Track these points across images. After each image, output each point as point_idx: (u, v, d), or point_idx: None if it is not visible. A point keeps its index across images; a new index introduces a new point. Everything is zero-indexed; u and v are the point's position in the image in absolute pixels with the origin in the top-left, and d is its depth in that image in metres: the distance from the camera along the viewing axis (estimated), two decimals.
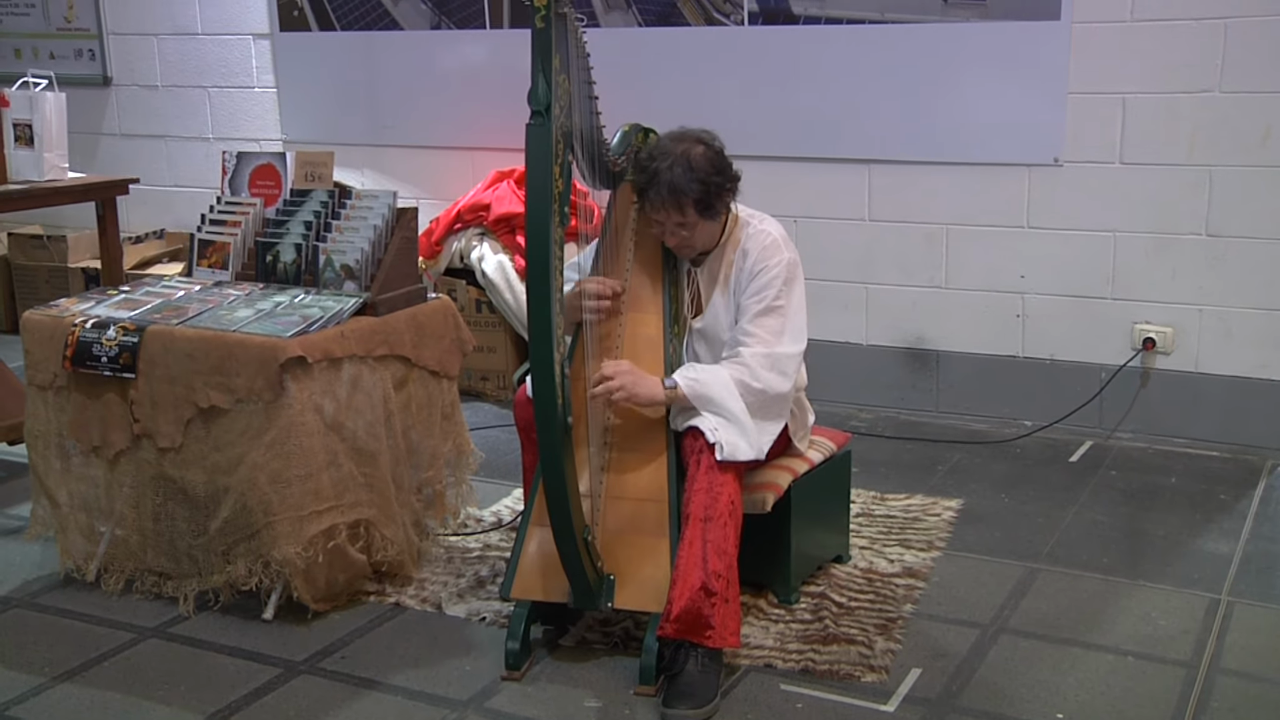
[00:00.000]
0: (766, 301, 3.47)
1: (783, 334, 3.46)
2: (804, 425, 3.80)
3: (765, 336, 3.45)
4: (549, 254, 3.00)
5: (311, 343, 3.57)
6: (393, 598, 3.82)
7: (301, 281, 3.93)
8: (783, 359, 3.45)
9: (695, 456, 3.34)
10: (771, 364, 3.43)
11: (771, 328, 3.46)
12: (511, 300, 5.67)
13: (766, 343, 3.44)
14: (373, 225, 3.88)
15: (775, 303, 3.48)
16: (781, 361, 3.44)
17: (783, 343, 3.46)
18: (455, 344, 4.04)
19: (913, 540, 4.17)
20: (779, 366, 3.44)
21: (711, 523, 3.27)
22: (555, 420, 3.09)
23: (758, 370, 3.41)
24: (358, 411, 3.68)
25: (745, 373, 3.41)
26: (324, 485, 3.60)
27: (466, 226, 5.87)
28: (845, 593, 3.79)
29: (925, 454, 5.03)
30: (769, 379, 3.42)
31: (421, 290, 3.99)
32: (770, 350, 3.44)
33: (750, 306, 3.48)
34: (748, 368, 3.41)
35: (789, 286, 3.50)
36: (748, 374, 3.41)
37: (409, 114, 6.26)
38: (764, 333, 3.45)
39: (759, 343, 3.44)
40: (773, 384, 3.42)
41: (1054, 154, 5.06)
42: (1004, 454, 5.02)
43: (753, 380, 3.41)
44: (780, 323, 3.47)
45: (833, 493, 3.96)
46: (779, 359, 3.44)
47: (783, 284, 3.48)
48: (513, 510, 4.46)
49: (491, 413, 5.62)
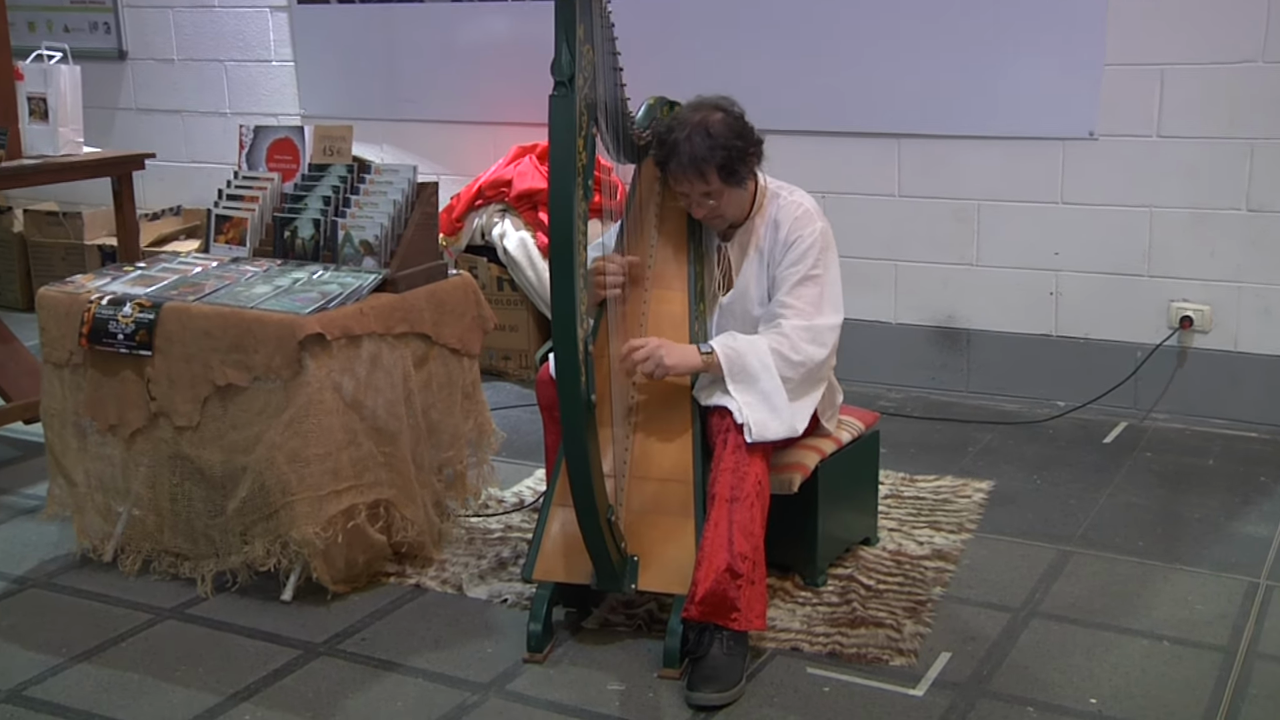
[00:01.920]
0: (803, 271, 3.46)
1: (821, 304, 3.45)
2: (832, 405, 3.79)
3: (804, 307, 3.44)
4: (572, 229, 3.00)
5: (330, 320, 3.58)
6: (413, 579, 3.83)
7: (320, 258, 3.93)
8: (823, 330, 3.44)
9: (722, 436, 3.34)
10: (812, 336, 3.42)
11: (810, 297, 3.45)
12: (534, 278, 5.67)
13: (806, 314, 3.43)
14: (392, 201, 3.88)
15: (813, 272, 3.46)
16: (822, 333, 3.43)
17: (823, 313, 3.45)
18: (476, 321, 4.04)
19: (942, 522, 4.17)
20: (819, 338, 3.43)
21: (738, 503, 3.27)
22: (578, 399, 3.09)
23: (798, 342, 3.40)
24: (377, 390, 3.69)
25: (785, 344, 3.39)
26: (343, 464, 3.61)
27: (488, 203, 5.87)
28: (873, 575, 3.79)
29: (955, 435, 5.02)
30: (809, 351, 3.41)
31: (442, 267, 3.99)
32: (810, 322, 3.42)
33: (787, 277, 3.47)
34: (787, 339, 3.40)
35: (825, 256, 3.49)
36: (787, 345, 3.39)
37: (429, 88, 6.26)
38: (802, 303, 3.44)
39: (798, 314, 3.43)
40: (812, 355, 3.41)
41: (1089, 127, 5.04)
42: (1036, 435, 5.01)
43: (792, 353, 3.39)
44: (819, 292, 3.46)
45: (861, 474, 3.96)
46: (819, 330, 3.43)
47: (819, 252, 3.47)
48: (535, 491, 4.47)
49: (513, 392, 5.63)
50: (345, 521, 3.63)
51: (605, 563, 3.28)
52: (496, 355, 5.87)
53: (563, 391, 3.10)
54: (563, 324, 3.05)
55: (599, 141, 3.27)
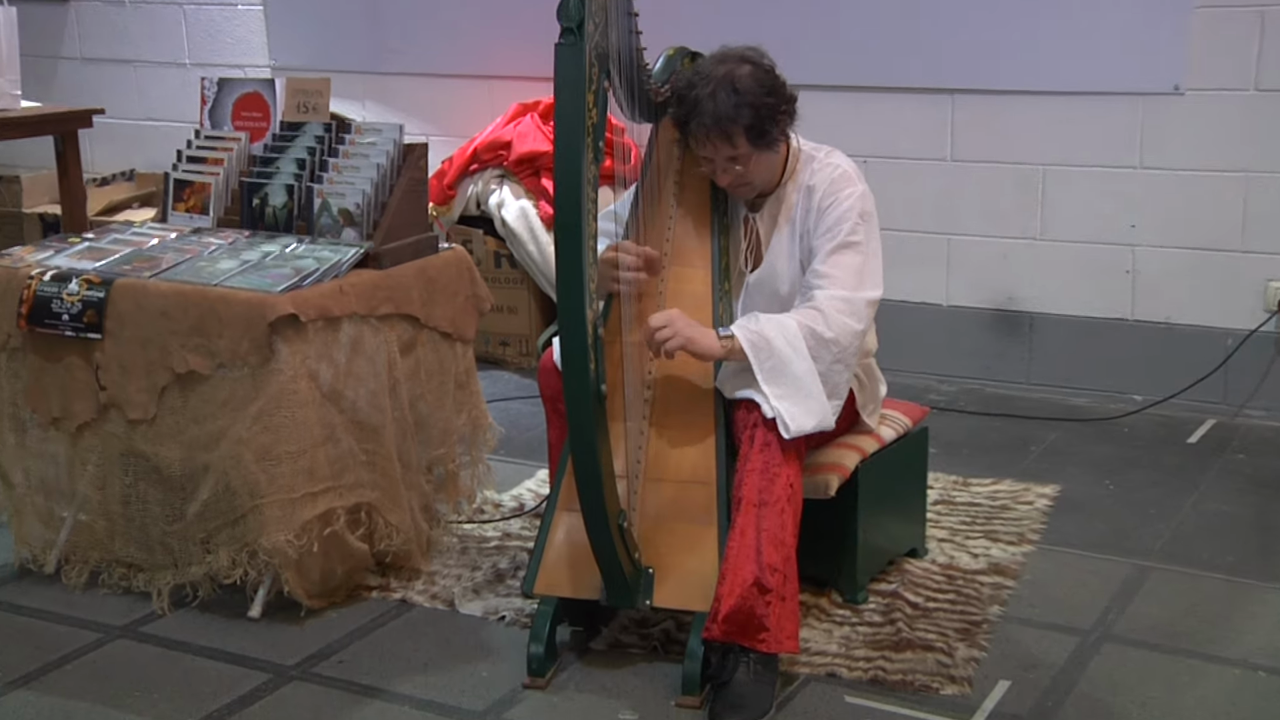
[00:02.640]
0: (841, 236, 3.46)
1: (861, 274, 3.45)
2: (874, 397, 3.81)
3: (842, 277, 3.43)
4: (581, 197, 3.02)
5: (305, 299, 3.60)
6: (398, 593, 3.86)
7: (294, 229, 3.96)
8: (860, 304, 3.43)
9: (749, 432, 3.36)
10: (850, 308, 3.41)
11: (849, 265, 3.44)
12: (536, 252, 5.69)
13: (844, 283, 3.42)
14: (375, 164, 3.91)
15: (851, 238, 3.46)
16: (859, 306, 3.43)
17: (861, 285, 3.44)
18: (471, 302, 4.06)
19: (1000, 532, 4.19)
20: (855, 310, 3.42)
21: (767, 508, 3.29)
22: (587, 390, 3.11)
23: (832, 316, 3.39)
24: (358, 379, 3.72)
25: (818, 320, 3.38)
26: (319, 463, 3.64)
27: (484, 167, 5.89)
28: (921, 592, 3.81)
29: (1016, 432, 5.04)
30: (844, 325, 3.39)
31: (432, 240, 4.02)
32: (849, 294, 3.42)
33: (823, 244, 3.47)
34: (820, 313, 3.39)
35: (866, 221, 3.49)
36: (820, 321, 3.38)
37: (417, 36, 6.27)
38: (840, 272, 3.43)
39: (835, 284, 3.42)
40: (846, 329, 3.40)
41: (1174, 80, 5.04)
42: (1109, 433, 5.02)
43: (825, 328, 3.38)
44: (859, 261, 3.45)
45: (907, 476, 3.98)
46: (856, 302, 3.42)
47: (858, 218, 3.48)
48: (537, 494, 4.50)
49: (512, 382, 5.65)
50: (322, 528, 3.66)
51: (616, 575, 3.30)
52: (493, 340, 5.89)
53: (568, 381, 3.12)
54: (569, 305, 3.07)
55: (611, 98, 3.27)
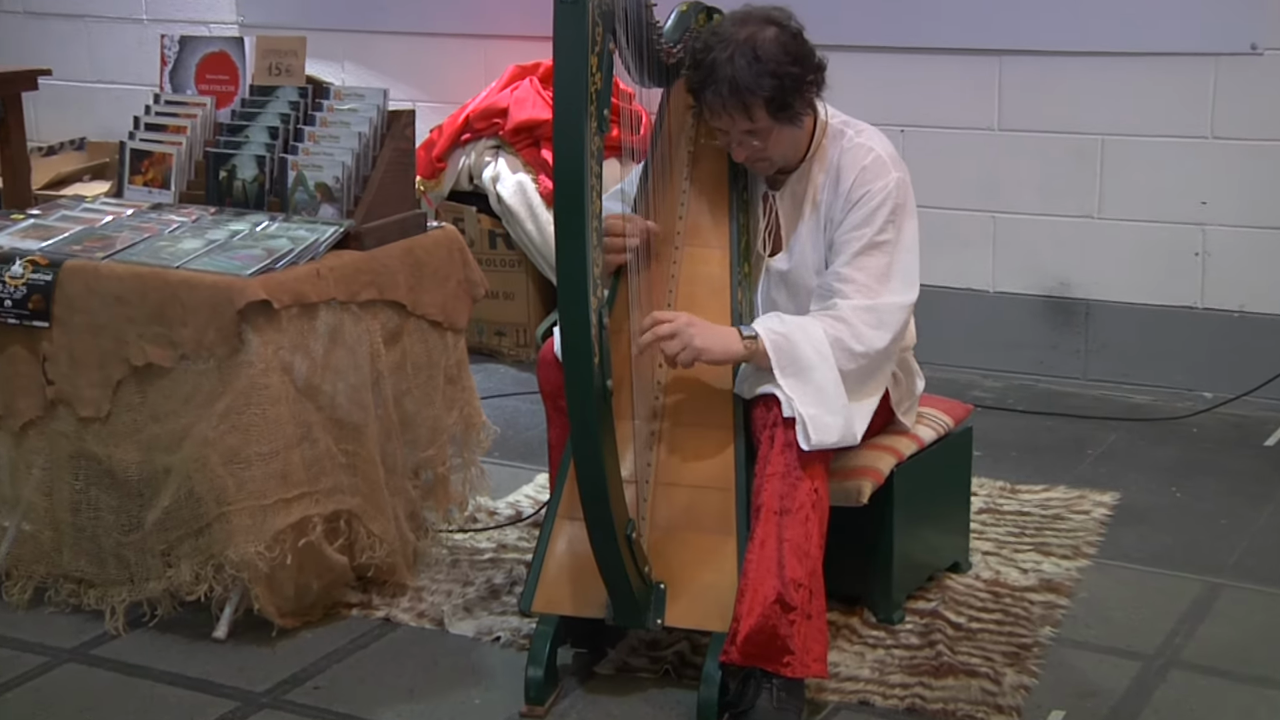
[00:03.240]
0: (868, 237, 3.47)
1: (889, 278, 3.47)
2: (911, 394, 3.82)
3: (867, 283, 3.45)
4: (584, 171, 3.02)
5: (278, 283, 3.61)
6: (382, 611, 3.88)
7: (265, 206, 3.97)
8: (888, 311, 3.45)
9: (769, 432, 3.37)
10: (876, 319, 3.43)
11: (875, 270, 3.47)
12: (534, 232, 5.70)
13: (869, 291, 3.45)
14: (356, 134, 3.91)
15: (880, 237, 3.48)
16: (888, 314, 3.45)
17: (889, 289, 3.46)
18: (463, 287, 4.08)
19: (1053, 545, 4.19)
20: (884, 321, 3.44)
21: (790, 517, 3.30)
22: (591, 385, 3.12)
23: (860, 328, 3.41)
24: (338, 372, 3.73)
25: (845, 331, 3.41)
26: (293, 466, 3.65)
27: (477, 137, 5.89)
28: (964, 611, 3.82)
29: (1070, 433, 5.04)
30: (871, 339, 3.42)
31: (420, 218, 4.03)
32: (874, 301, 3.44)
33: (848, 244, 3.48)
34: (847, 325, 3.41)
35: (898, 217, 3.50)
36: (848, 333, 3.41)
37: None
38: (865, 277, 3.46)
39: (859, 291, 3.44)
40: (874, 344, 3.43)
41: (1251, 39, 5.03)
42: (1175, 434, 5.02)
43: (855, 342, 3.41)
44: (886, 264, 3.47)
45: (948, 481, 3.99)
46: (883, 312, 3.44)
47: (890, 214, 3.48)
48: (535, 501, 4.51)
49: (509, 376, 5.66)
50: (296, 538, 3.66)
51: (624, 591, 3.31)
52: (488, 330, 5.90)
53: (570, 375, 3.13)
54: (571, 290, 3.08)
55: (617, 60, 3.28)
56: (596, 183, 3.09)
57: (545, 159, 5.69)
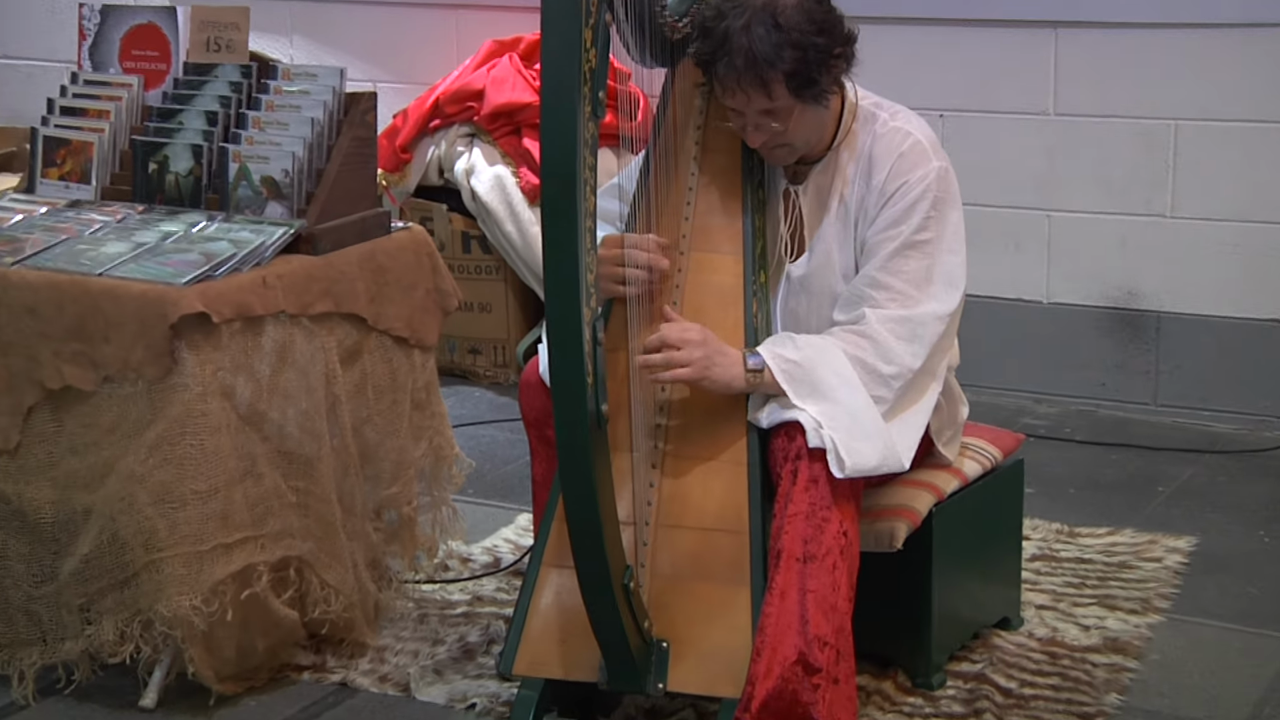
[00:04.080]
0: (905, 236, 3.48)
1: (929, 283, 3.48)
2: (953, 422, 3.83)
3: (903, 290, 3.46)
4: (575, 163, 3.02)
5: (218, 293, 3.61)
6: (337, 674, 3.88)
7: (203, 203, 3.97)
8: (924, 323, 3.46)
9: (790, 465, 3.37)
10: (909, 331, 3.44)
11: (913, 275, 3.48)
12: (515, 234, 5.71)
13: (904, 299, 3.46)
14: (309, 119, 3.92)
15: (919, 236, 3.49)
16: (923, 326, 3.46)
17: (929, 297, 3.47)
18: (432, 298, 4.08)
19: (1119, 598, 4.20)
20: (918, 333, 3.45)
21: (814, 564, 3.30)
22: (583, 411, 3.11)
23: (889, 344, 3.42)
24: (287, 397, 3.74)
25: (870, 350, 3.41)
26: (235, 506, 3.65)
27: (448, 124, 5.90)
28: (1015, 675, 3.83)
29: (1139, 468, 5.05)
30: (903, 355, 3.43)
31: (382, 218, 4.04)
32: (909, 312, 3.45)
33: (882, 244, 3.50)
34: (872, 341, 3.42)
35: (941, 212, 3.51)
36: (873, 352, 3.41)
37: None
38: (901, 283, 3.47)
39: (894, 299, 3.45)
40: (907, 362, 3.44)
41: None
42: (1262, 469, 5.02)
43: (882, 363, 3.41)
44: (925, 267, 3.48)
45: (996, 524, 4.00)
46: (918, 324, 3.45)
47: (930, 208, 3.49)
48: (517, 546, 4.52)
49: (485, 401, 5.67)
50: (238, 589, 3.66)
51: (620, 651, 3.31)
52: (461, 347, 5.91)
53: (559, 400, 3.12)
54: (561, 301, 3.07)
55: (614, 34, 3.28)
56: (590, 176, 3.08)
57: (528, 149, 5.70)
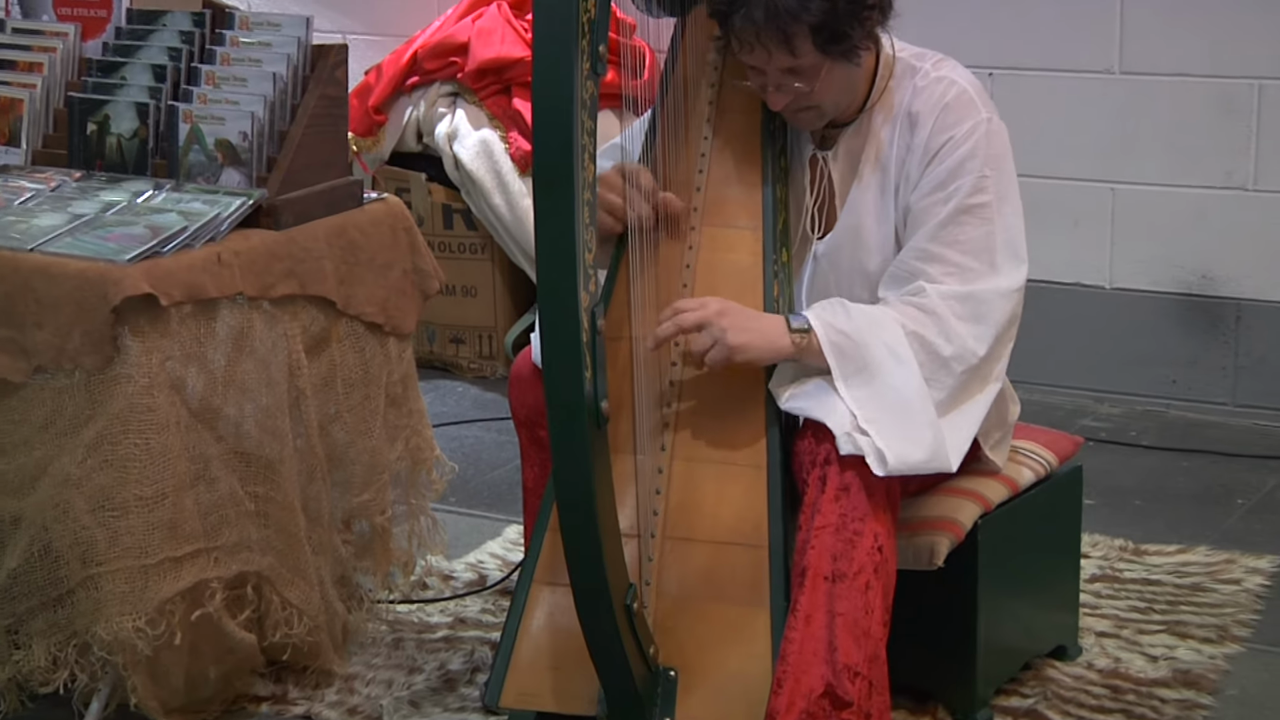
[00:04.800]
0: (960, 198, 3.47)
1: (991, 253, 3.46)
2: (1002, 423, 3.83)
3: (961, 262, 3.44)
4: (571, 126, 3.02)
5: (167, 273, 3.61)
6: (301, 706, 3.89)
7: (149, 170, 3.98)
8: (990, 301, 3.44)
9: (818, 471, 3.37)
10: (974, 311, 3.43)
11: (972, 244, 3.46)
12: (504, 207, 5.71)
13: (963, 273, 3.44)
14: (270, 75, 3.93)
15: (974, 199, 3.47)
16: (989, 304, 3.44)
17: (991, 270, 3.45)
18: (410, 280, 4.09)
19: (1191, 625, 4.21)
20: (985, 314, 3.43)
21: (845, 584, 3.30)
22: (580, 409, 3.11)
23: (951, 323, 3.41)
24: (244, 391, 3.74)
25: (929, 326, 3.40)
26: (185, 515, 3.65)
27: (428, 81, 5.91)
28: (1073, 711, 3.83)
29: (1214, 476, 5.06)
30: (966, 338, 3.41)
31: (354, 188, 4.04)
32: (970, 288, 3.43)
33: (930, 210, 3.48)
34: (935, 318, 3.40)
35: (998, 170, 3.50)
36: (934, 328, 3.40)
37: None
38: (959, 254, 3.45)
39: (950, 273, 3.43)
40: (971, 346, 3.42)
41: None
42: None
43: (943, 340, 3.40)
44: (985, 234, 3.47)
45: (1051, 539, 4.01)
46: (983, 301, 3.44)
47: (984, 166, 3.48)
48: (504, 562, 4.53)
49: (470, 397, 5.68)
50: (188, 609, 3.67)
51: (621, 680, 3.31)
52: (442, 336, 5.92)
53: (553, 396, 3.12)
54: (555, 283, 3.07)
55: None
56: (589, 141, 3.08)
57: (519, 110, 5.71)
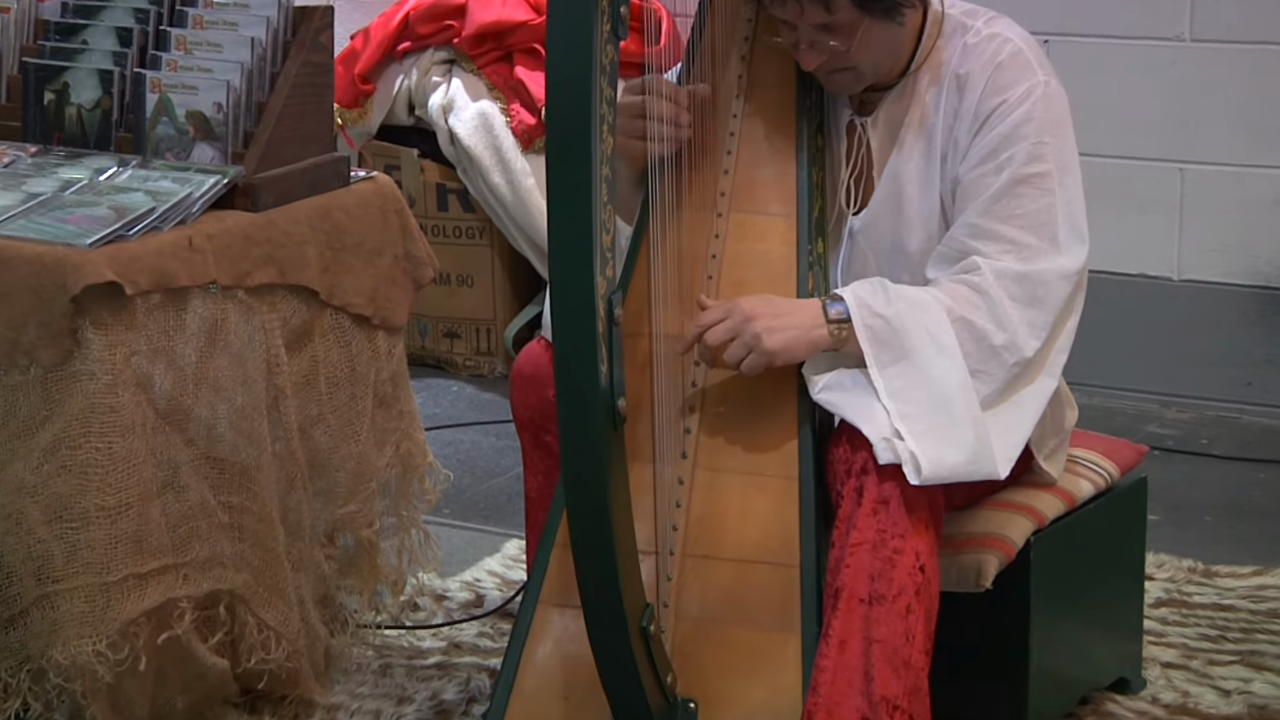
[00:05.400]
0: (1013, 168, 3.46)
1: (1052, 227, 3.45)
2: (1058, 430, 3.83)
3: (1017, 237, 3.43)
4: (589, 94, 3.00)
5: (132, 258, 3.62)
6: None
7: (113, 144, 3.99)
8: (1048, 283, 3.43)
9: (855, 481, 3.36)
10: (1029, 293, 3.41)
11: (1030, 218, 3.44)
12: (505, 187, 5.71)
13: (1019, 250, 3.42)
14: (248, 40, 3.93)
15: (1031, 168, 3.46)
16: (1046, 286, 3.43)
17: (1052, 248, 3.44)
18: (401, 267, 4.10)
19: (1269, 655, 4.21)
20: (1042, 296, 3.42)
21: (883, 607, 3.30)
22: (594, 410, 3.10)
23: (1003, 306, 3.39)
24: (217, 389, 3.74)
25: (980, 309, 3.39)
26: (152, 527, 3.65)
27: (422, 47, 5.91)
28: None
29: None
30: (1019, 324, 3.39)
31: (339, 165, 4.05)
32: (1028, 267, 3.42)
33: (982, 181, 3.47)
34: (986, 299, 3.40)
35: (1058, 138, 3.49)
36: (984, 311, 3.38)
37: None
38: (1014, 229, 3.43)
39: (1006, 251, 3.42)
40: (1023, 333, 3.40)
41: None
42: None
43: (994, 326, 3.38)
44: (1045, 207, 3.45)
45: (1111, 559, 4.01)
46: (1040, 282, 3.42)
47: (1042, 132, 3.48)
48: (504, 581, 4.54)
49: (466, 397, 5.69)
50: (154, 632, 3.67)
51: (636, 711, 3.30)
52: (436, 330, 5.92)
53: (565, 395, 3.11)
54: (568, 268, 3.05)
55: None
56: (609, 113, 3.06)
57: (521, 80, 5.71)
